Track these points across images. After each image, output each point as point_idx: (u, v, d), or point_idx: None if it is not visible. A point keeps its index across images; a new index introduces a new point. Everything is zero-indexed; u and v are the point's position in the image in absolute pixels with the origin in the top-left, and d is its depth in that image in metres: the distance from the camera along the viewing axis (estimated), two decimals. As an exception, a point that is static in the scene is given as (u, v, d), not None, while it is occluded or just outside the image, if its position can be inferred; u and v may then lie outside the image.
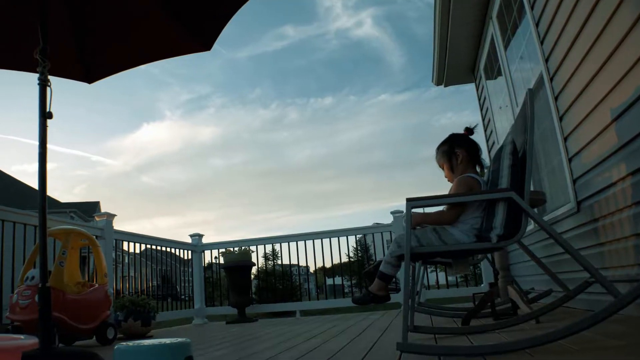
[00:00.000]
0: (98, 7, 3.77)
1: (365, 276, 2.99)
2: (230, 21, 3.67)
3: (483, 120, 7.51)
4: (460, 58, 7.27)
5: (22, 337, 1.14)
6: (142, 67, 4.17)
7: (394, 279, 2.80)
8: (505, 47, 5.53)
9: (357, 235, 8.31)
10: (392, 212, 7.42)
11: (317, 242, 7.77)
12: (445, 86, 8.11)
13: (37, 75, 3.09)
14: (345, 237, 7.73)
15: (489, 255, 4.88)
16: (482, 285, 7.08)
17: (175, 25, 3.76)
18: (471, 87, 8.02)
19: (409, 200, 2.48)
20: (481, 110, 7.57)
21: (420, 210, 2.89)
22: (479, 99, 7.65)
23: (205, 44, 3.84)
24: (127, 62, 4.13)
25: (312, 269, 9.21)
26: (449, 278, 7.93)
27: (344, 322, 5.50)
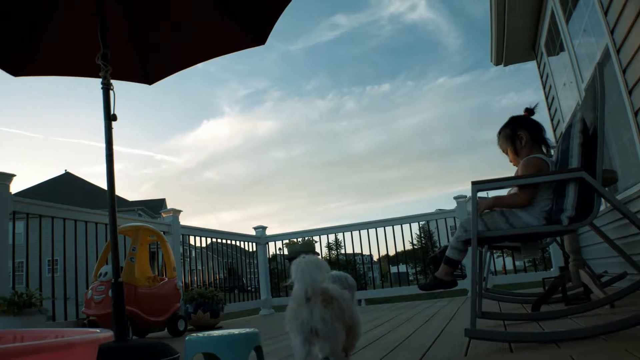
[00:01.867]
0: (153, 10, 3.86)
1: (431, 262, 2.96)
2: (282, 14, 3.68)
3: (547, 98, 7.25)
4: (519, 35, 7.02)
5: (97, 330, 1.17)
6: (199, 65, 4.25)
7: (459, 265, 2.76)
8: (567, 21, 5.30)
9: (420, 222, 8.21)
10: (455, 197, 7.28)
11: (380, 230, 7.73)
12: (505, 65, 7.87)
13: (100, 80, 3.20)
14: (408, 225, 7.65)
15: (558, 238, 4.71)
16: (551, 269, 6.86)
17: (229, 22, 3.80)
18: (532, 65, 7.75)
19: (474, 183, 2.42)
20: (544, 88, 7.31)
21: (484, 193, 2.82)
22: (542, 77, 7.38)
23: (259, 38, 3.87)
24: (184, 61, 4.22)
25: (375, 258, 9.17)
26: (517, 263, 7.73)
27: (410, 309, 5.46)
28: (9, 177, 4.24)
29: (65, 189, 40.47)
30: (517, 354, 2.10)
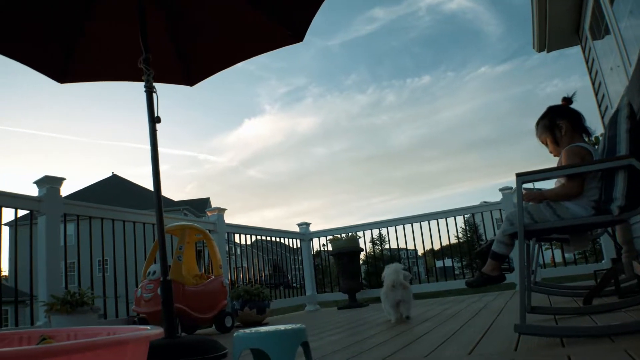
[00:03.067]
0: (192, 11, 3.91)
1: (478, 256, 2.91)
2: (319, 10, 3.68)
3: (593, 84, 7.02)
4: (561, 20, 6.82)
5: (148, 327, 1.20)
6: (239, 65, 4.30)
7: (507, 259, 2.70)
8: (611, 3, 5.12)
9: (465, 215, 8.09)
10: (500, 189, 7.14)
11: (424, 224, 7.65)
12: (548, 52, 7.66)
13: (143, 83, 3.27)
14: (452, 218, 7.55)
15: (609, 229, 4.57)
16: (603, 261, 6.66)
17: (267, 21, 3.83)
18: (576, 50, 7.51)
19: (518, 175, 2.37)
20: (590, 73, 7.08)
21: (530, 185, 2.76)
22: (587, 62, 7.15)
23: (297, 35, 3.88)
24: (224, 61, 4.27)
25: (420, 252, 9.10)
26: (566, 255, 7.53)
27: (457, 304, 5.40)
28: (59, 180, 4.38)
29: (113, 190, 41.54)
30: (569, 349, 2.05)
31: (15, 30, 3.60)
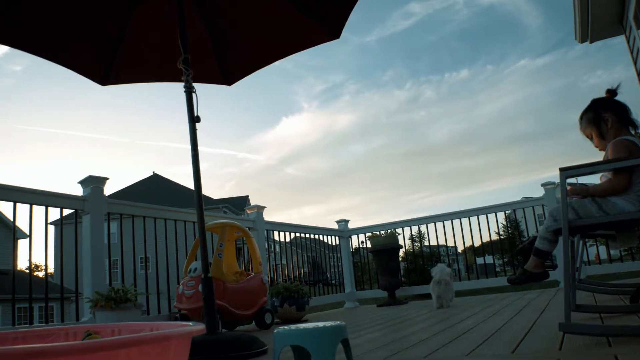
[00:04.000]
0: (229, 11, 3.95)
1: (520, 253, 2.86)
2: (355, 7, 3.67)
3: (638, 75, 6.80)
4: (604, 9, 6.61)
5: (190, 324, 1.21)
6: (276, 63, 4.31)
7: (550, 256, 2.65)
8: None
9: (506, 211, 7.95)
10: (542, 185, 6.99)
11: (464, 220, 7.54)
12: (591, 42, 7.45)
13: (182, 84, 3.32)
14: (493, 214, 7.43)
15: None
16: (651, 257, 6.46)
17: (304, 18, 3.83)
18: (621, 39, 7.27)
19: (562, 169, 2.32)
20: (635, 64, 6.86)
21: (573, 180, 2.69)
22: (631, 52, 6.92)
23: (334, 32, 3.88)
24: (262, 60, 4.30)
25: (460, 249, 9.00)
26: (612, 252, 7.32)
27: (498, 302, 5.32)
28: (102, 180, 4.49)
29: (154, 189, 42.32)
30: (615, 348, 2.00)
31: (59, 36, 3.71)
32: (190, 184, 3.47)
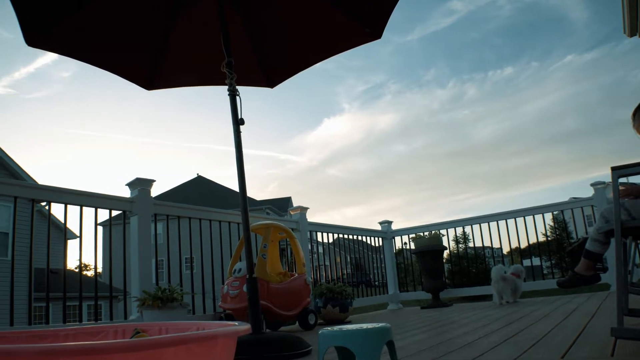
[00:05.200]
0: (271, 14, 3.98)
1: (569, 255, 2.78)
2: (396, 6, 3.65)
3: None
4: (655, 1, 6.39)
5: (236, 323, 1.23)
6: (317, 65, 4.32)
7: (601, 258, 2.57)
8: None
9: (553, 212, 7.75)
10: (592, 184, 6.79)
11: (510, 221, 7.40)
12: (641, 36, 7.20)
13: (226, 87, 3.36)
14: (539, 215, 7.26)
15: None
16: None
17: (345, 19, 3.83)
18: (672, 32, 7.01)
19: (614, 168, 2.25)
20: (690, 59, 6.59)
21: (624, 179, 2.60)
22: (687, 47, 6.66)
23: (375, 32, 3.86)
24: (303, 62, 4.31)
25: (505, 251, 8.81)
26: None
27: (546, 305, 5.19)
28: (149, 182, 4.59)
29: (198, 191, 42.97)
30: (673, 353, 1.92)
31: (107, 43, 3.82)
32: (232, 186, 3.51)
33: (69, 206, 4.02)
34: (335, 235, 7.51)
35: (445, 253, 8.10)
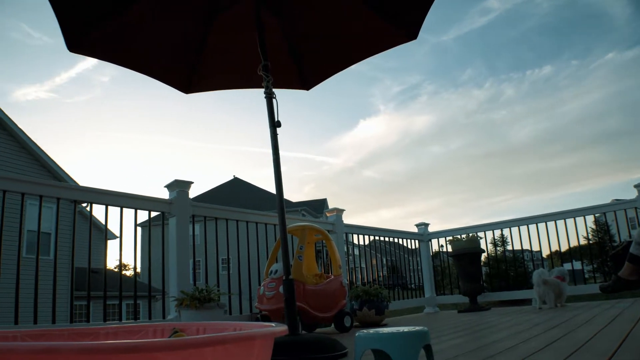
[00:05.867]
0: (306, 16, 4.00)
1: (613, 259, 2.71)
2: (431, 7, 3.62)
3: None
4: None
5: (273, 324, 1.24)
6: (352, 67, 4.32)
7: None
8: None
9: (595, 215, 7.57)
10: (635, 186, 6.59)
11: (550, 224, 7.24)
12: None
13: (262, 90, 3.39)
14: (580, 218, 7.08)
15: None
16: None
17: (381, 21, 3.82)
18: None
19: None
20: None
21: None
22: None
23: (411, 33, 3.85)
24: (339, 64, 4.33)
25: (545, 254, 8.63)
26: None
27: (587, 310, 5.06)
28: (188, 184, 4.66)
29: (234, 192, 43.45)
30: None
31: (145, 48, 3.90)
32: (268, 187, 3.54)
33: (109, 207, 4.12)
34: (371, 237, 7.48)
35: (483, 256, 7.97)
